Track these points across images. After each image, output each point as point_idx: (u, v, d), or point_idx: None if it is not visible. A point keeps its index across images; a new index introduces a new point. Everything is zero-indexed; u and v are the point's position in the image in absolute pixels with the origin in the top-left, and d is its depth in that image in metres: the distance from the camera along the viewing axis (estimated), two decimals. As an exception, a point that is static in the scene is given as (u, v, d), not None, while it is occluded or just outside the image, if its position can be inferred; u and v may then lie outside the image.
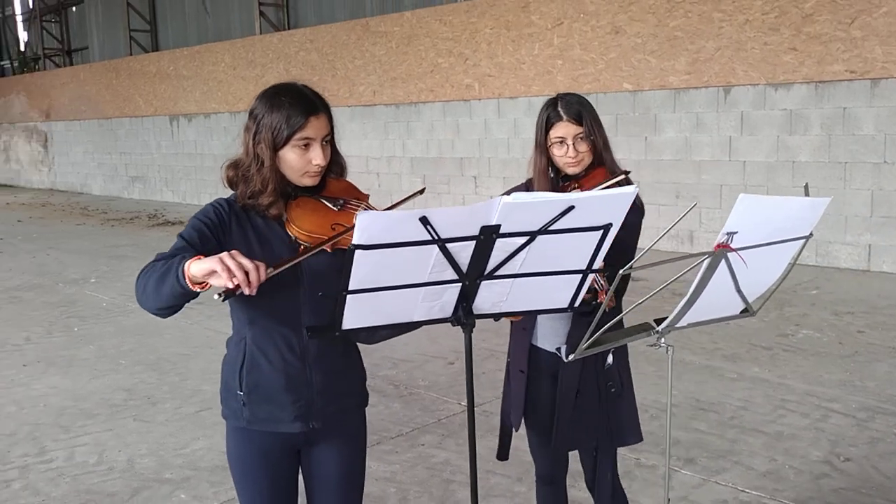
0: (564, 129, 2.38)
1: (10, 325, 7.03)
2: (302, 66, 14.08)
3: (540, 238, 1.51)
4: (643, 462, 3.89)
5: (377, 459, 4.01)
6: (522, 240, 1.50)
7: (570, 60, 10.20)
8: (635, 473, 3.78)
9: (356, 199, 2.02)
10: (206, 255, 1.73)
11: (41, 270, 9.64)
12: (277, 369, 1.98)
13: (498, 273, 1.58)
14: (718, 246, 1.64)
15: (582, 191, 2.37)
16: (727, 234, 1.63)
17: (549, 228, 1.49)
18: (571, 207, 1.47)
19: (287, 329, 1.96)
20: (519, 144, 10.90)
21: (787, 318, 6.37)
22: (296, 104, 1.90)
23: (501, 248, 1.53)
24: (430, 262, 1.50)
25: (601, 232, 1.55)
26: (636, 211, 2.38)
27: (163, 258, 1.84)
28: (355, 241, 1.41)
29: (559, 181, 2.48)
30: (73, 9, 23.40)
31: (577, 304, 1.70)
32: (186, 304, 1.82)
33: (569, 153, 2.38)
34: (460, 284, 1.58)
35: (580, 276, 1.64)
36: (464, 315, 1.63)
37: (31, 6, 24.91)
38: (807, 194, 1.71)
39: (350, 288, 1.49)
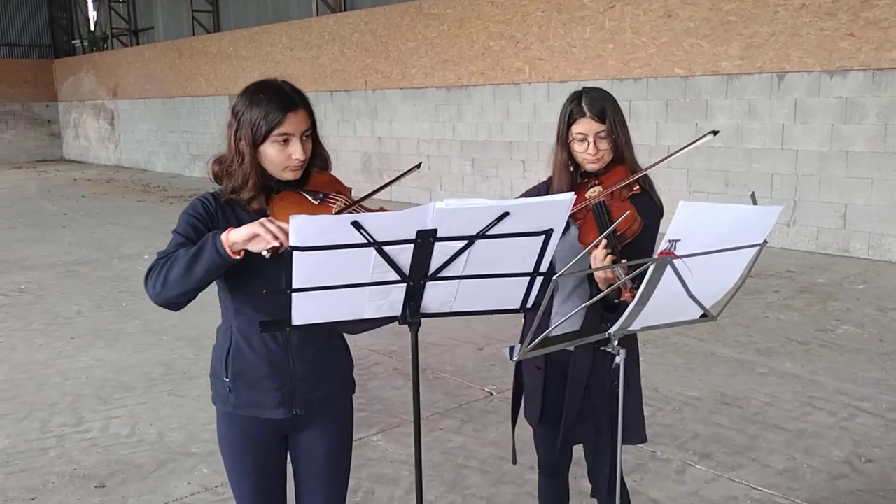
0: (586, 126, 2.35)
1: (64, 298, 7.33)
2: (356, 48, 14.19)
3: (479, 242, 1.54)
4: (658, 455, 3.88)
5: (395, 442, 4.10)
6: (461, 243, 1.54)
7: (622, 44, 10.06)
8: (649, 466, 3.78)
9: (337, 192, 2.07)
10: None
11: (99, 245, 9.99)
12: (261, 357, 2.06)
13: (442, 275, 1.62)
14: (662, 253, 1.64)
15: (603, 189, 2.35)
16: (669, 241, 1.63)
17: (487, 233, 1.52)
18: (506, 214, 1.50)
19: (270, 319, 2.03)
20: (568, 129, 10.79)
21: (830, 313, 6.23)
22: (273, 100, 1.96)
23: (442, 251, 1.57)
24: (369, 263, 1.55)
25: (543, 237, 1.57)
26: (655, 211, 2.37)
27: (166, 255, 1.93)
28: (291, 242, 1.47)
29: (577, 177, 2.46)
30: (141, -11, 23.95)
31: (529, 305, 1.73)
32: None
33: (589, 150, 2.36)
34: (405, 285, 1.62)
35: (528, 278, 1.67)
36: (410, 314, 1.67)
37: (101, -13, 25.60)
38: (754, 202, 1.70)
39: (294, 286, 1.55)
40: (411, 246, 1.53)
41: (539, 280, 1.68)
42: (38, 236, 10.83)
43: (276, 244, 1.72)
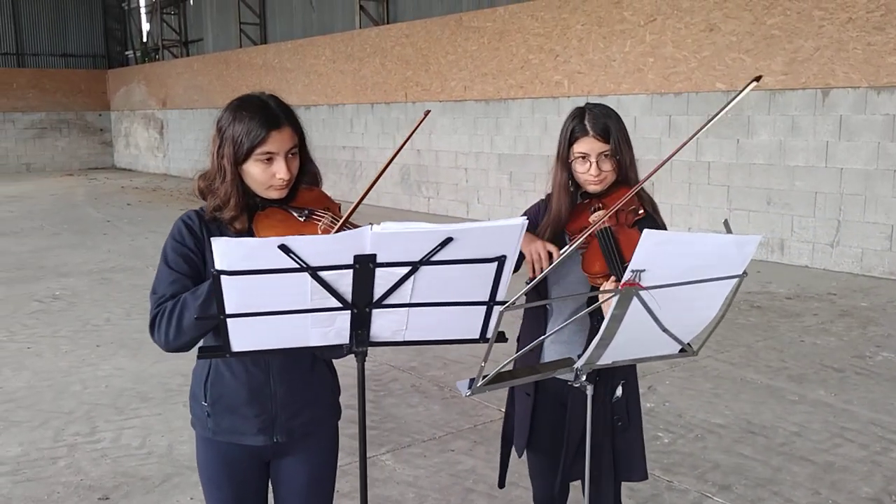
0: (588, 145, 2.22)
1: (96, 305, 7.41)
2: (397, 61, 14.21)
3: (424, 269, 1.44)
4: (675, 485, 3.73)
5: (403, 462, 4.01)
6: (405, 270, 1.44)
7: (662, 58, 9.88)
8: (664, 497, 3.62)
9: (325, 208, 1.99)
10: (200, 276, 1.81)
11: (136, 253, 10.11)
12: (240, 381, 1.98)
13: (388, 302, 1.52)
14: (625, 284, 1.52)
15: (605, 212, 2.20)
16: (633, 271, 1.51)
17: (432, 259, 1.42)
18: (450, 239, 1.40)
19: None
20: (606, 144, 10.63)
21: (869, 338, 5.97)
22: (256, 117, 1.88)
23: (385, 277, 1.47)
24: (306, 288, 1.46)
25: (496, 264, 1.47)
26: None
27: (165, 298, 1.86)
28: (217, 266, 1.39)
29: (577, 198, 2.34)
30: (191, 2, 24.41)
31: (488, 335, 1.62)
32: None
33: (591, 171, 2.22)
34: (349, 312, 1.53)
35: (484, 307, 1.56)
36: (355, 343, 1.58)
37: (153, -1, 26.17)
38: (728, 231, 1.57)
39: (228, 312, 1.46)
40: (350, 272, 1.44)
41: (497, 309, 1.57)
42: (78, 243, 11.01)
43: None
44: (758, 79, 2.07)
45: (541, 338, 1.81)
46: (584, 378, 1.74)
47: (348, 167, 15.71)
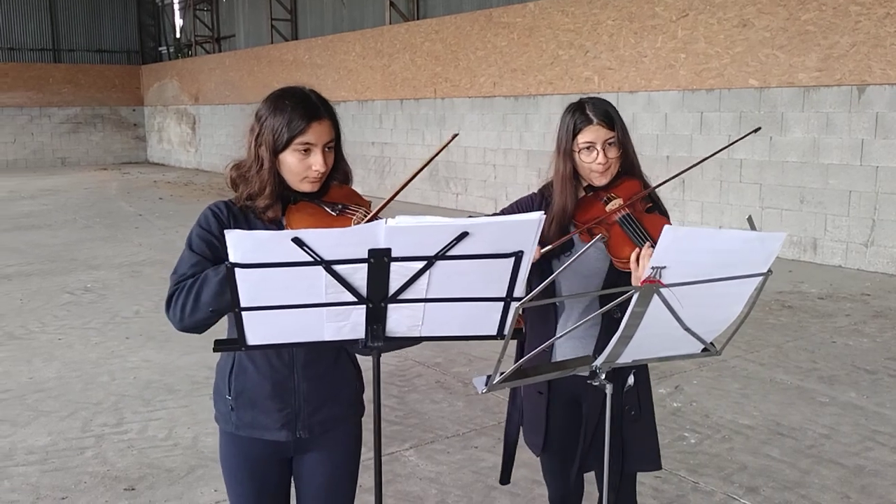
0: (594, 133, 2.20)
1: (125, 298, 7.49)
2: (426, 57, 14.20)
3: (440, 263, 1.42)
4: (700, 486, 3.67)
5: (426, 458, 4.00)
6: (420, 264, 1.42)
7: (694, 54, 9.76)
8: (689, 498, 3.58)
9: (357, 204, 1.98)
10: (221, 262, 1.78)
11: (166, 247, 10.21)
12: (264, 375, 1.98)
13: (403, 297, 1.50)
14: (646, 281, 1.48)
15: (624, 202, 2.19)
16: (653, 268, 1.47)
17: (448, 254, 1.40)
18: (465, 234, 1.37)
19: None
20: (636, 140, 10.29)
21: (904, 340, 5.85)
22: (298, 108, 1.89)
23: (400, 271, 1.45)
24: (321, 282, 1.44)
25: (512, 259, 1.44)
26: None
27: (185, 276, 1.87)
28: (231, 259, 1.38)
29: (581, 192, 2.31)
30: (224, -2, 24.61)
31: (505, 333, 1.59)
32: None
33: (598, 159, 2.19)
34: (364, 307, 1.51)
35: (501, 303, 1.53)
36: (370, 338, 1.56)
37: (187, -5, 26.42)
38: (752, 228, 1.53)
39: (242, 305, 1.46)
40: (365, 266, 1.43)
41: (514, 305, 1.54)
42: (110, 236, 11.15)
43: None
44: (756, 130, 2.19)
45: (556, 336, 1.76)
46: (602, 376, 1.71)
47: (377, 163, 15.74)
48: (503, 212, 2.34)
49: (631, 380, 2.30)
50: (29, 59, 25.92)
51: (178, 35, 27.51)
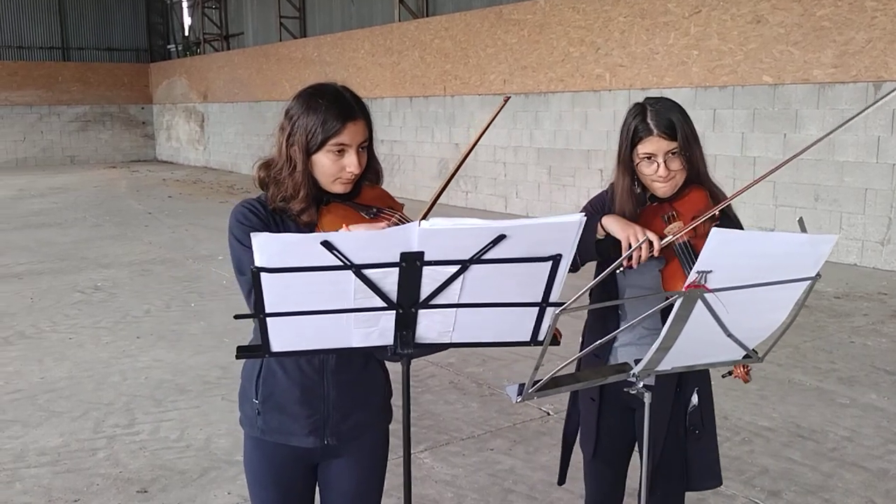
0: (654, 145, 2.04)
1: (136, 297, 7.46)
2: (436, 54, 14.14)
3: (475, 267, 1.36)
4: (721, 490, 3.60)
5: (441, 460, 3.94)
6: (454, 268, 1.36)
7: (707, 51, 9.67)
8: (710, 502, 3.51)
9: (390, 207, 1.92)
10: None
11: (176, 245, 10.19)
12: (293, 380, 1.93)
13: (435, 302, 1.44)
14: (690, 286, 1.42)
15: (680, 221, 2.03)
16: (698, 272, 1.41)
17: (483, 257, 1.34)
18: (503, 236, 1.31)
19: None
20: (648, 138, 10.45)
21: (923, 341, 5.77)
22: (332, 108, 1.82)
23: (432, 275, 1.39)
24: (349, 287, 1.38)
25: (550, 263, 1.38)
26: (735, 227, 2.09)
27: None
28: (256, 263, 1.32)
29: (646, 201, 2.16)
30: (232, -4, 24.59)
31: (540, 339, 1.52)
32: None
33: (659, 172, 2.04)
34: (394, 312, 1.46)
35: (536, 308, 1.47)
36: (400, 345, 1.50)
37: (195, -7, 26.42)
38: (802, 230, 1.47)
39: (267, 311, 1.40)
40: (396, 270, 1.37)
41: (550, 311, 1.48)
42: (119, 234, 11.13)
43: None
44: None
45: (599, 340, 1.66)
46: (640, 385, 1.64)
47: (386, 161, 15.65)
48: (583, 209, 2.20)
49: (695, 399, 2.21)
50: (38, 58, 25.96)
51: (186, 33, 27.51)
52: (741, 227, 2.13)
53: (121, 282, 8.08)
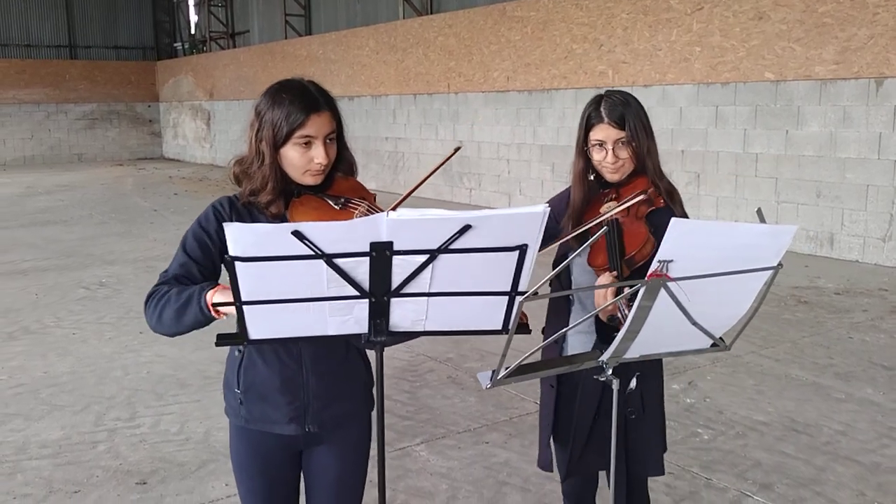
0: (604, 132, 2.19)
1: (140, 293, 7.48)
2: (440, 51, 14.17)
3: (443, 257, 1.40)
4: (714, 483, 3.64)
5: (437, 453, 3.98)
6: (423, 258, 1.40)
7: (709, 47, 9.67)
8: (702, 495, 3.54)
9: (361, 197, 1.96)
10: (212, 267, 1.88)
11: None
12: (273, 370, 1.97)
13: (406, 291, 1.48)
14: (652, 275, 1.45)
15: (618, 202, 2.18)
16: (660, 261, 1.44)
17: (451, 247, 1.38)
18: (468, 227, 1.35)
19: None
20: (651, 135, 10.46)
21: (922, 336, 5.78)
22: (296, 101, 1.87)
23: (402, 265, 1.43)
24: (322, 276, 1.42)
25: (517, 253, 1.41)
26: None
27: (167, 280, 1.89)
28: (231, 252, 1.36)
29: (600, 186, 2.30)
30: (238, -6, 24.66)
31: (510, 327, 1.56)
32: None
33: (607, 158, 2.20)
34: (367, 301, 1.49)
35: (506, 298, 1.51)
36: (373, 333, 1.54)
37: (201, -9, 26.49)
38: (761, 220, 1.50)
39: (243, 299, 1.44)
40: (367, 259, 1.41)
41: (518, 300, 1.52)
42: (125, 231, 11.21)
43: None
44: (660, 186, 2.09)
45: (562, 329, 1.75)
46: (609, 372, 1.68)
47: (391, 158, 15.72)
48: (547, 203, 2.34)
49: (633, 383, 2.27)
50: (46, 56, 26.09)
51: (192, 31, 27.59)
52: (686, 217, 2.23)
53: (125, 278, 8.15)
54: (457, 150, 2.06)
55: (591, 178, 2.30)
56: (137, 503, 3.53)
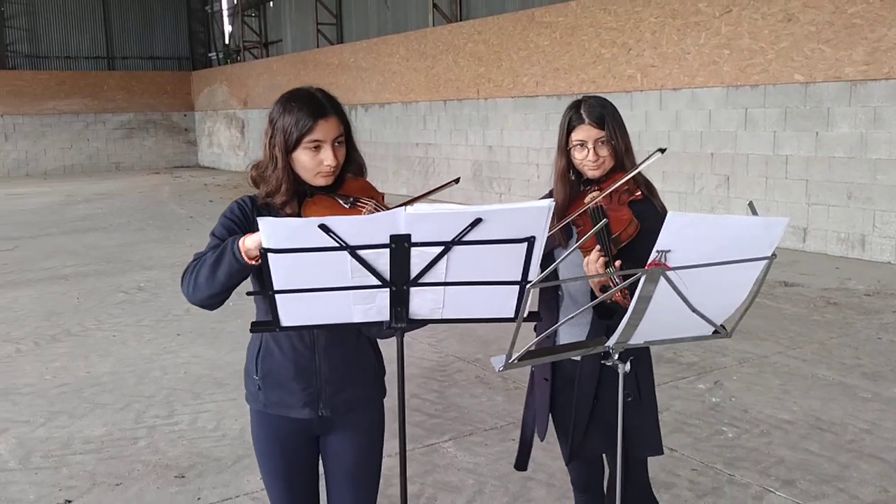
0: (585, 133, 2.35)
1: (177, 296, 7.70)
2: (469, 58, 14.30)
3: (457, 248, 1.51)
4: (736, 479, 3.69)
5: (465, 450, 4.08)
6: (438, 249, 1.51)
7: (738, 50, 9.68)
8: (724, 490, 3.60)
9: (369, 196, 2.09)
10: None
11: (216, 248, 10.45)
12: (288, 358, 2.11)
13: (424, 280, 1.59)
14: (651, 264, 1.55)
15: (601, 193, 2.33)
16: (658, 251, 1.54)
17: (464, 239, 1.49)
18: (479, 220, 1.46)
19: None
20: (679, 138, 10.50)
21: (952, 337, 5.76)
22: (304, 108, 2.00)
23: (420, 256, 1.55)
24: (347, 267, 1.55)
25: (525, 244, 1.52)
26: (657, 217, 2.28)
27: (199, 256, 2.01)
28: (264, 245, 1.49)
29: (580, 185, 2.45)
30: (271, 4, 25.04)
31: (522, 315, 1.67)
32: None
33: (589, 157, 2.36)
34: (388, 290, 1.61)
35: (517, 287, 1.62)
36: (395, 320, 1.66)
37: (235, 2, 26.94)
38: (753, 213, 1.58)
39: (276, 287, 1.56)
40: (387, 251, 1.53)
41: (528, 289, 1.63)
42: (162, 238, 11.48)
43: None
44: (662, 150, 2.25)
45: (557, 324, 1.87)
46: (616, 357, 1.78)
47: (421, 164, 15.88)
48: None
49: (627, 366, 2.37)
50: (85, 68, 26.72)
51: (227, 41, 28.07)
52: (665, 211, 2.35)
53: (163, 282, 8.36)
54: (456, 180, 2.21)
55: (573, 177, 2.45)
56: (176, 495, 3.68)
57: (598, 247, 2.06)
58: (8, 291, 8.07)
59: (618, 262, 1.98)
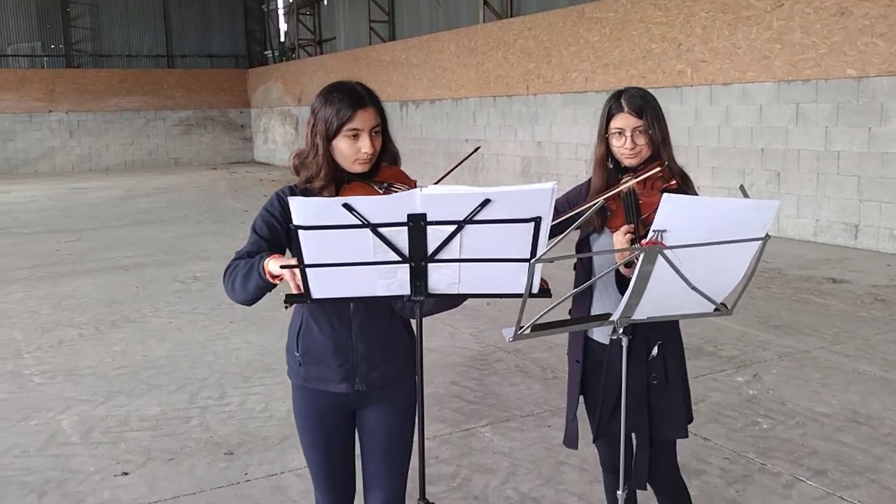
0: (624, 121, 2.43)
1: (230, 286, 7.99)
2: (519, 54, 14.36)
3: (469, 227, 1.64)
4: (768, 468, 3.75)
5: (501, 434, 4.21)
6: (452, 227, 1.64)
7: (790, 45, 9.57)
8: (755, 478, 3.66)
9: (403, 183, 2.22)
10: (278, 244, 2.14)
11: (269, 241, 10.74)
12: (326, 336, 2.26)
13: (440, 257, 1.72)
14: (648, 243, 1.65)
15: (634, 176, 2.41)
16: (654, 231, 1.63)
17: (475, 219, 1.62)
18: (488, 201, 1.59)
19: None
20: (730, 133, 10.42)
21: None
22: (345, 99, 2.15)
23: (435, 234, 1.68)
24: (369, 243, 1.69)
25: (532, 224, 1.64)
26: None
27: (241, 256, 2.19)
28: (294, 222, 1.64)
29: (618, 173, 2.52)
30: (325, 2, 25.42)
31: (534, 292, 1.78)
32: None
33: (626, 144, 2.43)
34: (408, 265, 1.75)
35: (526, 264, 1.74)
36: (414, 293, 1.80)
37: (290, 0, 27.41)
38: (745, 196, 1.66)
39: (307, 262, 1.71)
40: (405, 228, 1.67)
41: (538, 267, 1.75)
42: (218, 231, 11.83)
43: (295, 291, 1.92)
44: (662, 164, 2.32)
45: (580, 298, 1.96)
46: (621, 331, 1.88)
47: (471, 160, 15.99)
48: (565, 196, 2.62)
49: (655, 350, 2.46)
50: (145, 66, 27.49)
51: (282, 39, 28.58)
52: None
53: (217, 273, 8.63)
54: (476, 149, 2.30)
55: (611, 165, 2.52)
56: (225, 470, 3.88)
57: (626, 227, 2.16)
58: (72, 280, 8.45)
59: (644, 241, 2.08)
